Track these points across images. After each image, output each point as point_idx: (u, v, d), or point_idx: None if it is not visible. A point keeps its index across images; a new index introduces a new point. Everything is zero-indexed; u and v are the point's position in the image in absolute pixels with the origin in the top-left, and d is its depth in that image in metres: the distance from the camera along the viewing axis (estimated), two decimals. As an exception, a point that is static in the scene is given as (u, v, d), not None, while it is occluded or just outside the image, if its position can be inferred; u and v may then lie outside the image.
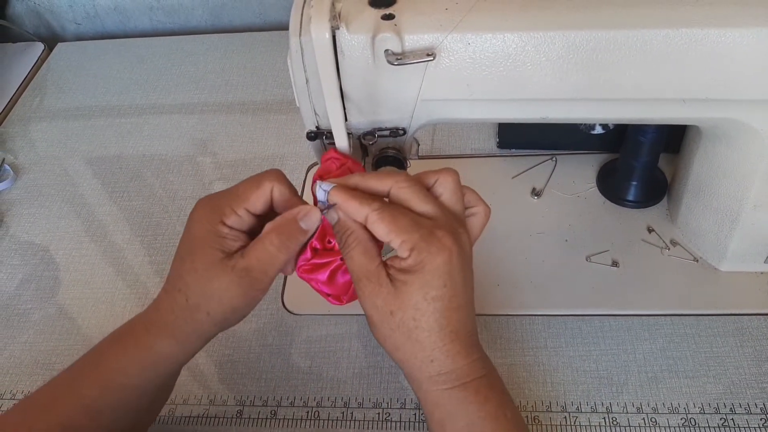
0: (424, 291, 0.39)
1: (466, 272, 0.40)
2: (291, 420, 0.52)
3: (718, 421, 0.49)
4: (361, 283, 0.40)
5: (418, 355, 0.40)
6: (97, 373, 0.42)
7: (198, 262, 0.41)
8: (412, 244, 0.38)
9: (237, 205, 0.41)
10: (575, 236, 0.61)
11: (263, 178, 0.42)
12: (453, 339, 0.40)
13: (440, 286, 0.39)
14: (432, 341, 0.39)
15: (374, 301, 0.40)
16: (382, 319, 0.40)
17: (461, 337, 0.40)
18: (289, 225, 0.41)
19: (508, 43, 0.42)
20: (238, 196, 0.41)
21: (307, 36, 0.42)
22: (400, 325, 0.39)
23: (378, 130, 0.48)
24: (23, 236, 0.70)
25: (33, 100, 0.87)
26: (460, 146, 0.72)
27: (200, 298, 0.41)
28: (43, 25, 1.00)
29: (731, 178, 0.52)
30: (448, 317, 0.39)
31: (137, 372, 0.42)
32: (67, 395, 0.42)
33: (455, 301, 0.40)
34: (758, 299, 0.56)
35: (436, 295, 0.39)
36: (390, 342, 0.41)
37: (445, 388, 0.40)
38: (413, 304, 0.39)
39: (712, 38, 0.41)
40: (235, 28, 0.97)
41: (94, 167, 0.77)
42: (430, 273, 0.39)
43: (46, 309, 0.63)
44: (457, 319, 0.40)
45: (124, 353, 0.42)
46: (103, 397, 0.42)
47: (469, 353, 0.40)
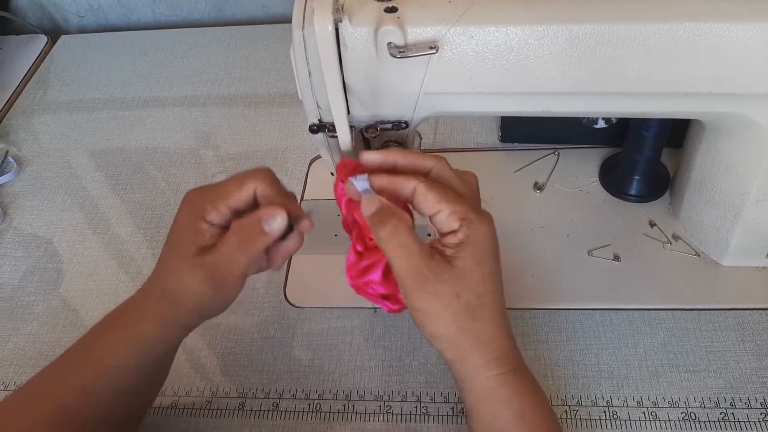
0: (482, 268, 0.39)
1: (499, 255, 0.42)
2: (293, 412, 0.53)
3: (718, 416, 0.49)
4: (419, 276, 0.39)
5: (481, 336, 0.39)
6: (90, 356, 0.43)
7: (175, 255, 0.42)
8: (462, 214, 0.39)
9: (218, 202, 0.42)
10: (577, 230, 0.62)
11: (247, 177, 0.42)
12: (506, 317, 0.41)
13: (494, 261, 0.40)
14: (494, 320, 0.40)
15: (437, 290, 0.38)
16: (446, 306, 0.39)
17: (507, 317, 0.41)
18: (250, 226, 0.41)
19: (511, 36, 0.42)
20: (220, 194, 0.42)
21: (310, 28, 0.42)
22: (467, 306, 0.39)
23: (380, 123, 0.48)
24: (26, 228, 0.70)
25: (36, 93, 0.87)
26: (462, 140, 0.72)
27: (175, 290, 0.42)
28: (46, 17, 1.00)
29: (734, 173, 0.52)
30: (502, 295, 0.41)
31: (129, 354, 0.43)
32: (61, 379, 0.43)
33: (500, 279, 0.41)
34: (759, 294, 0.56)
35: (492, 270, 0.40)
36: (453, 330, 0.39)
37: (502, 371, 0.40)
38: (476, 282, 0.39)
39: (715, 32, 0.41)
40: (238, 21, 0.97)
41: (97, 160, 0.77)
42: (483, 246, 0.39)
43: (49, 301, 0.63)
44: (503, 297, 0.41)
45: (116, 336, 0.43)
46: (96, 379, 0.43)
47: (513, 336, 0.41)
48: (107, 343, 0.43)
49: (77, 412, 0.42)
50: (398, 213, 0.40)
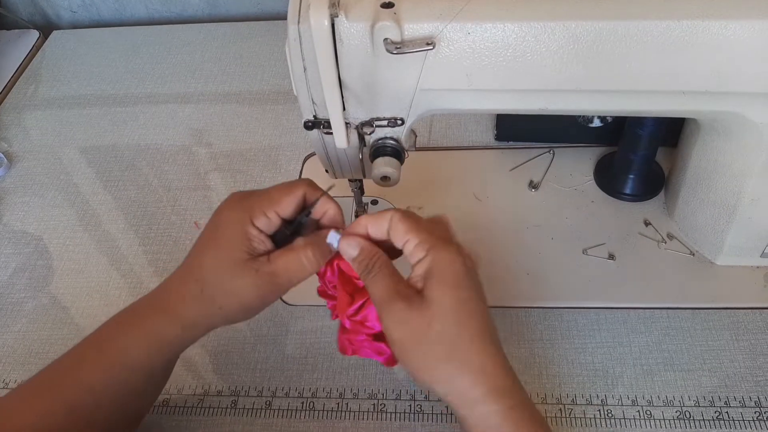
0: (455, 293, 0.38)
1: (481, 285, 0.40)
2: (286, 410, 0.52)
3: (712, 414, 0.49)
4: (391, 305, 0.39)
5: (467, 365, 0.37)
6: (101, 354, 0.43)
7: (222, 258, 0.41)
8: (430, 243, 0.39)
9: (268, 208, 0.42)
10: (572, 229, 0.61)
11: (296, 184, 0.43)
12: (499, 347, 0.39)
13: (467, 287, 0.39)
14: (477, 348, 0.38)
15: (408, 319, 0.38)
16: (420, 335, 0.38)
17: (501, 349, 0.39)
18: (321, 242, 0.42)
19: (508, 33, 0.42)
20: (271, 199, 0.42)
21: (305, 24, 0.42)
22: (442, 335, 0.37)
23: (376, 119, 0.48)
24: (17, 225, 0.70)
25: (27, 88, 0.87)
26: (458, 138, 0.72)
27: (216, 292, 0.41)
28: (38, 12, 0.99)
29: (729, 172, 0.52)
30: (487, 321, 0.39)
31: (142, 353, 0.42)
32: (71, 376, 0.42)
33: (482, 305, 0.39)
34: (754, 293, 0.56)
35: (467, 296, 0.38)
36: (431, 360, 0.38)
37: (504, 407, 0.37)
38: (449, 309, 0.38)
39: (712, 30, 0.41)
40: (232, 17, 0.96)
41: (89, 156, 0.76)
42: (452, 273, 0.38)
43: (39, 298, 0.63)
44: (491, 325, 0.39)
45: (130, 335, 0.42)
46: (107, 377, 0.42)
47: (511, 369, 0.39)
48: (122, 341, 0.42)
49: (85, 411, 0.42)
50: (376, 251, 0.41)
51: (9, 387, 0.56)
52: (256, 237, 0.42)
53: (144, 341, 0.42)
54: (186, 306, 0.42)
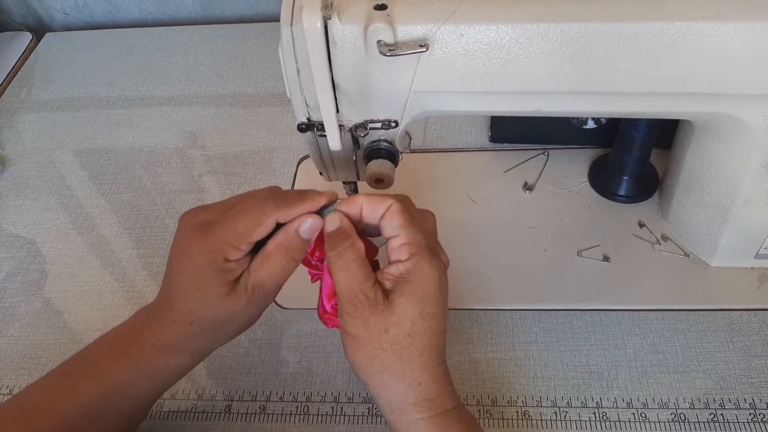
0: (422, 306, 0.38)
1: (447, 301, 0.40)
2: (280, 415, 0.52)
3: (707, 416, 0.49)
4: (354, 299, 0.39)
5: (407, 376, 0.38)
6: (99, 381, 0.42)
7: (209, 296, 0.40)
8: (415, 248, 0.39)
9: (239, 243, 0.40)
10: (566, 231, 0.61)
11: (262, 212, 0.40)
12: (440, 362, 0.39)
13: (435, 303, 0.39)
14: (423, 361, 0.38)
15: (367, 318, 0.38)
16: (372, 338, 0.38)
17: (445, 363, 0.40)
18: (291, 240, 0.41)
19: (501, 34, 0.42)
20: (239, 235, 0.40)
21: (298, 26, 0.41)
22: (394, 343, 0.38)
23: (370, 122, 0.48)
24: (9, 229, 0.69)
25: (20, 91, 0.86)
26: (452, 140, 0.72)
27: (215, 324, 0.42)
28: (31, 14, 0.99)
29: (723, 173, 0.52)
30: (439, 338, 0.39)
31: (144, 385, 0.43)
32: (66, 397, 0.42)
33: (443, 324, 0.40)
34: (748, 295, 0.56)
35: (432, 312, 0.38)
36: (377, 363, 0.39)
37: (430, 415, 0.38)
38: (410, 319, 0.38)
39: (706, 32, 0.41)
40: (226, 19, 0.96)
41: (82, 159, 0.76)
42: (427, 285, 0.38)
43: (32, 302, 0.62)
44: (443, 341, 0.40)
45: (130, 364, 0.42)
46: (104, 403, 0.42)
47: (449, 381, 0.40)
48: (120, 368, 0.42)
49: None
50: (352, 237, 0.40)
51: (1, 392, 0.56)
52: (235, 267, 0.40)
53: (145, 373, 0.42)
54: (191, 342, 0.42)
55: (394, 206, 0.40)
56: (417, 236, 0.39)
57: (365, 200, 0.41)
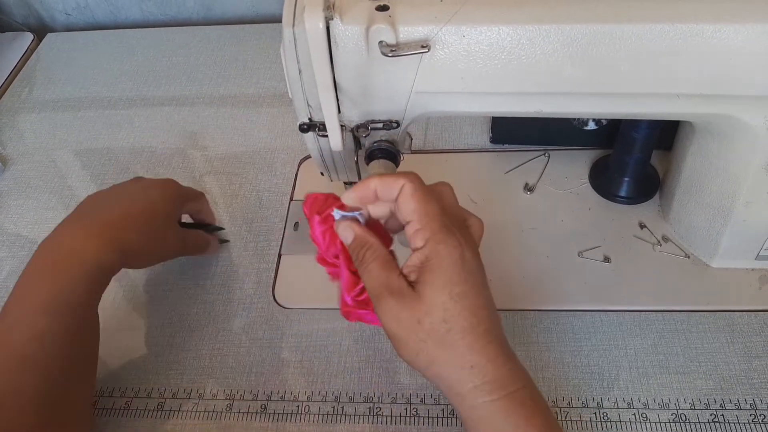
0: (449, 288, 0.37)
1: (482, 272, 0.40)
2: (281, 414, 0.52)
3: (708, 417, 0.49)
4: (382, 299, 0.38)
5: (457, 362, 0.37)
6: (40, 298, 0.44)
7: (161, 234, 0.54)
8: (430, 232, 0.38)
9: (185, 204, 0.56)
10: (567, 232, 0.61)
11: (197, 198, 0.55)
12: (490, 340, 0.38)
13: (463, 281, 0.37)
14: (468, 344, 0.37)
15: (398, 315, 0.38)
16: (409, 332, 0.38)
17: (498, 339, 0.38)
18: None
19: (503, 35, 0.42)
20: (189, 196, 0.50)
21: (300, 26, 0.42)
22: (431, 332, 0.37)
23: (371, 122, 0.48)
24: (11, 228, 0.69)
25: (22, 91, 0.86)
26: (453, 141, 0.72)
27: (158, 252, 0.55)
28: (32, 15, 0.99)
29: (723, 175, 0.52)
30: (479, 315, 0.38)
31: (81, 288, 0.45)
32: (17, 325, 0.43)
33: (481, 299, 0.38)
34: (749, 295, 0.56)
35: (461, 291, 0.37)
36: (423, 357, 0.38)
37: (491, 399, 0.37)
38: (440, 305, 0.37)
39: (707, 33, 0.41)
40: (227, 20, 0.96)
41: (83, 159, 0.76)
42: (449, 267, 0.37)
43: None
44: (488, 317, 0.38)
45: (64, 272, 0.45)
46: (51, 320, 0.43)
47: (509, 358, 0.38)
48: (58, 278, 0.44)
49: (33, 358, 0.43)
50: (367, 241, 0.40)
51: (2, 391, 0.56)
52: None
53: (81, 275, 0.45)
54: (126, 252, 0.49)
55: (407, 187, 0.39)
56: (430, 220, 0.38)
57: (378, 183, 0.40)
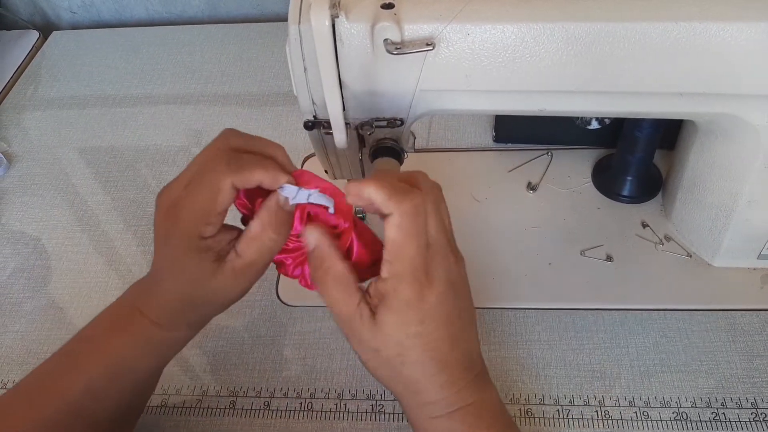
0: (405, 328, 0.37)
1: (457, 300, 0.39)
2: (284, 411, 0.52)
3: (709, 416, 0.49)
4: (342, 323, 0.39)
5: (409, 387, 0.39)
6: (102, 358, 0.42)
7: (195, 277, 0.40)
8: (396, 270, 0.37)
9: (207, 219, 0.39)
10: (570, 231, 0.62)
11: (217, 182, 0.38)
12: (441, 369, 0.38)
13: (418, 322, 0.37)
14: (419, 373, 0.38)
15: (359, 338, 0.39)
16: (368, 356, 0.39)
17: (450, 366, 0.39)
18: (275, 216, 0.39)
19: (507, 34, 0.42)
20: (204, 211, 0.38)
21: (306, 24, 0.42)
22: (387, 362, 0.38)
23: (376, 120, 0.48)
24: (15, 225, 0.70)
25: (27, 89, 0.87)
26: (456, 139, 0.72)
27: (206, 301, 0.41)
28: (38, 13, 0.99)
29: (726, 174, 0.52)
30: (435, 348, 0.38)
31: (146, 358, 0.43)
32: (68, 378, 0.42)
33: (441, 332, 0.38)
34: (751, 295, 0.56)
35: (417, 331, 0.37)
36: (380, 375, 0.40)
37: (432, 416, 0.39)
38: (396, 342, 0.37)
39: (710, 32, 0.41)
40: (232, 18, 0.97)
41: (88, 157, 0.76)
42: (405, 309, 0.37)
43: (38, 299, 0.63)
44: (446, 349, 0.38)
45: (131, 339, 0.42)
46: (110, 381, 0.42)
47: (456, 381, 0.39)
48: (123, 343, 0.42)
49: (86, 414, 0.42)
50: (327, 261, 0.38)
51: (7, 387, 0.56)
52: (212, 243, 0.39)
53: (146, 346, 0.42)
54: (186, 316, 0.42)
55: (394, 218, 0.36)
56: (401, 259, 0.37)
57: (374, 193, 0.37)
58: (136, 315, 0.42)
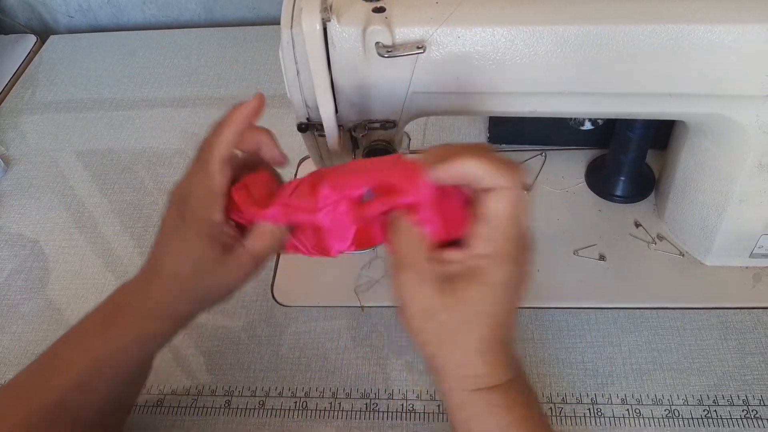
0: (477, 307, 0.37)
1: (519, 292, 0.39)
2: (279, 410, 0.53)
3: (701, 413, 0.50)
4: (403, 272, 0.37)
5: (455, 356, 0.38)
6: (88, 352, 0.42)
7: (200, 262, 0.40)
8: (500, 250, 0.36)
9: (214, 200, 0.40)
10: (563, 230, 0.62)
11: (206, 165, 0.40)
12: (494, 350, 0.38)
13: (494, 302, 0.37)
14: (472, 349, 0.37)
15: (415, 295, 0.37)
16: (421, 314, 0.37)
17: (500, 347, 0.39)
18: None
19: (497, 36, 0.43)
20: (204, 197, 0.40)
21: (298, 27, 0.42)
22: (442, 326, 0.37)
23: (368, 122, 0.49)
24: (13, 228, 0.70)
25: (25, 92, 0.87)
26: (451, 140, 0.72)
27: (206, 294, 0.42)
28: (35, 17, 1.00)
29: (717, 173, 0.53)
30: (494, 330, 0.38)
31: (133, 350, 0.43)
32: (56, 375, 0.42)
33: (503, 317, 0.38)
34: (743, 293, 0.56)
35: (488, 311, 0.37)
36: (424, 336, 0.38)
37: (473, 389, 0.38)
38: (462, 314, 0.37)
39: (698, 34, 0.42)
40: (228, 22, 0.97)
41: (85, 160, 0.77)
42: (492, 292, 0.37)
43: (35, 301, 0.63)
44: (501, 332, 0.38)
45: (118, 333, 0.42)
46: (95, 376, 0.42)
47: (504, 358, 0.39)
48: (109, 337, 0.43)
49: (75, 408, 0.42)
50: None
51: (5, 388, 0.56)
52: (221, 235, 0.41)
53: (134, 339, 0.42)
54: (176, 307, 0.43)
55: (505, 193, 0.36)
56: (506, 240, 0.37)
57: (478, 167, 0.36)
58: (125, 310, 0.43)
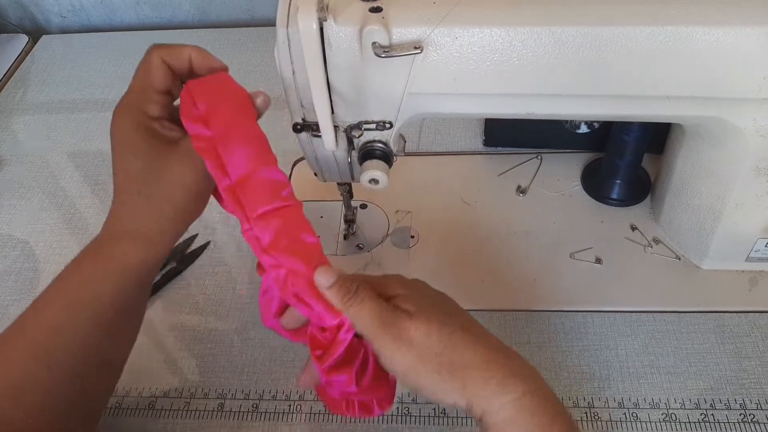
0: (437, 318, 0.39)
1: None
2: (273, 413, 0.52)
3: (698, 417, 0.50)
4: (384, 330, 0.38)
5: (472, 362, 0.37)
6: (62, 292, 0.42)
7: (148, 159, 0.41)
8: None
9: (149, 95, 0.42)
10: (559, 234, 0.62)
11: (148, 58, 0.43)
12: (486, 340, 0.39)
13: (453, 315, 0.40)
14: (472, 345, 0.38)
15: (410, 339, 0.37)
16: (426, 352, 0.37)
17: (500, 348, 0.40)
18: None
19: (495, 37, 0.43)
20: (143, 89, 0.42)
21: (294, 27, 0.42)
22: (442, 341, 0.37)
23: (365, 123, 0.48)
24: (3, 228, 0.69)
25: (16, 93, 0.86)
26: (446, 143, 0.72)
27: (162, 192, 0.42)
28: (27, 17, 0.99)
29: (714, 177, 0.53)
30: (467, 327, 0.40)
31: (106, 284, 0.41)
32: (33, 319, 0.42)
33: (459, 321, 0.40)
34: (739, 297, 0.56)
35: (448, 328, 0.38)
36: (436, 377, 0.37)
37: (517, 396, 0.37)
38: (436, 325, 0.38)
39: (696, 36, 0.41)
40: (222, 23, 0.97)
41: (77, 161, 0.76)
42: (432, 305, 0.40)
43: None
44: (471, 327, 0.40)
45: (90, 268, 0.42)
46: (69, 316, 0.41)
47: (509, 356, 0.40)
48: (82, 275, 0.42)
49: (51, 353, 0.41)
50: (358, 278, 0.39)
51: (-7, 391, 0.55)
52: (160, 126, 0.42)
53: (108, 271, 0.41)
54: (141, 221, 0.41)
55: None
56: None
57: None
58: (92, 245, 0.43)
